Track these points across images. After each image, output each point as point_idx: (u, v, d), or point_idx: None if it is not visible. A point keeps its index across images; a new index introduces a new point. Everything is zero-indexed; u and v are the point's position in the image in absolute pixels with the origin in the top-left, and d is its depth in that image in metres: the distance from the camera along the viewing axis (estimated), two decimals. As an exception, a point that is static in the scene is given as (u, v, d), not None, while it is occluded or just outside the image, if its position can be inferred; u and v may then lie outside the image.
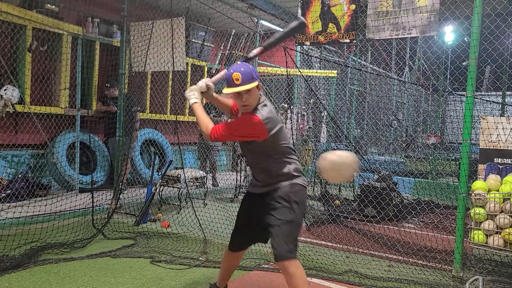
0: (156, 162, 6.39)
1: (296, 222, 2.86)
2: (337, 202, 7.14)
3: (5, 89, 5.81)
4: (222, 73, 3.05)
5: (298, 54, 8.99)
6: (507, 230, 3.66)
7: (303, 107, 9.99)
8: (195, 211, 5.52)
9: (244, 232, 3.12)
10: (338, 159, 2.80)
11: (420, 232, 5.44)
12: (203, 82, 3.02)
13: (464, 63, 4.87)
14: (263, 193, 2.95)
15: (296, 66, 7.62)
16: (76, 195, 6.32)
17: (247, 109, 2.84)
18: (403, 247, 4.82)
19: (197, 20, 8.78)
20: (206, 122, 2.90)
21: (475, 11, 3.89)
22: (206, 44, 9.00)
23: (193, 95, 2.97)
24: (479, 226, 3.82)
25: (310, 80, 9.21)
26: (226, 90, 2.81)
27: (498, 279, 3.95)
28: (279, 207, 2.83)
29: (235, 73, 2.75)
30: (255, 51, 3.05)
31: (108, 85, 7.09)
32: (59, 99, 6.64)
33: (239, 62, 2.88)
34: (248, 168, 3.05)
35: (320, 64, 10.31)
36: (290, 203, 2.84)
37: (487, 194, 3.80)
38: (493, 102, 8.06)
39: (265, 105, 2.85)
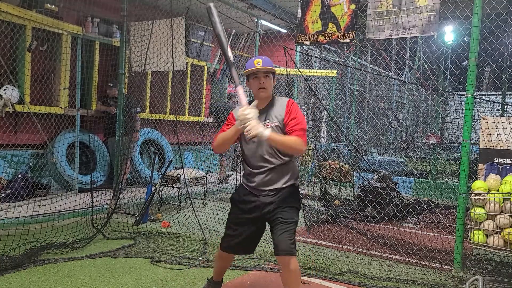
0: (156, 162, 6.39)
1: (297, 221, 2.99)
2: (337, 202, 7.13)
3: (4, 89, 5.80)
4: (240, 90, 2.83)
5: (298, 54, 8.98)
6: (507, 230, 3.65)
7: (303, 107, 9.98)
8: (195, 211, 5.51)
9: (245, 237, 3.09)
10: None
11: (420, 232, 5.44)
12: (251, 111, 2.72)
13: (464, 63, 4.87)
14: (272, 194, 2.97)
15: (296, 66, 7.61)
16: (76, 195, 6.32)
17: (264, 92, 2.94)
18: (403, 247, 4.81)
19: (197, 20, 8.77)
20: (293, 139, 2.82)
21: (475, 11, 3.88)
22: (205, 44, 9.00)
23: (262, 128, 2.70)
24: (479, 226, 3.82)
25: (310, 80, 9.21)
26: (247, 71, 2.94)
27: (498, 279, 3.95)
28: (289, 207, 2.95)
29: (257, 59, 2.93)
30: (230, 52, 2.98)
31: (111, 85, 7.07)
32: (58, 99, 6.64)
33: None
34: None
35: (320, 64, 10.30)
36: (296, 204, 3.02)
37: (487, 194, 3.80)
38: (493, 102, 8.06)
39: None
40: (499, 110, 8.49)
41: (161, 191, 6.44)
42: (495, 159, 4.07)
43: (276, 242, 2.86)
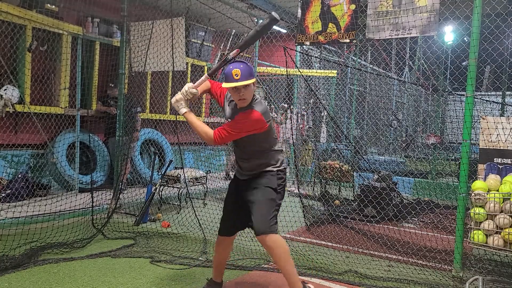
0: (156, 162, 6.39)
1: (276, 201, 3.14)
2: (337, 202, 7.14)
3: (5, 89, 5.81)
4: (203, 77, 3.16)
5: (298, 54, 8.98)
6: (507, 230, 3.66)
7: (303, 107, 9.99)
8: (195, 211, 5.52)
9: (231, 215, 3.31)
10: None
11: (420, 232, 5.44)
12: (187, 89, 3.08)
13: (464, 63, 4.87)
14: (249, 178, 3.19)
15: (296, 66, 7.62)
16: (76, 195, 6.33)
17: (243, 102, 3.03)
18: (403, 247, 4.82)
19: (197, 20, 8.78)
20: (204, 128, 3.04)
21: (475, 11, 3.89)
22: (206, 44, 9.00)
23: (180, 105, 3.08)
24: (479, 226, 3.82)
25: (310, 80, 9.21)
26: (225, 85, 2.98)
27: (498, 279, 3.95)
28: (261, 187, 3.11)
29: (235, 69, 2.92)
30: (232, 53, 3.12)
31: (112, 85, 7.08)
32: (59, 99, 6.64)
33: (237, 60, 3.06)
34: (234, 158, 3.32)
35: (320, 64, 10.31)
36: (272, 186, 3.13)
37: (487, 194, 3.80)
38: (493, 102, 8.06)
39: (259, 101, 3.10)
40: (499, 110, 8.49)
41: (161, 191, 6.44)
42: (495, 159, 4.07)
43: (253, 225, 3.09)
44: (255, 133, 3.04)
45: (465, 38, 7.21)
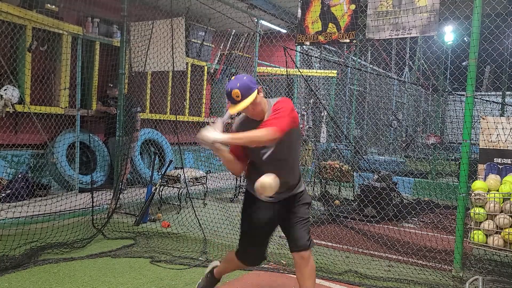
0: (156, 162, 6.39)
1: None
2: (337, 202, 7.14)
3: (5, 89, 5.80)
4: (227, 113, 2.83)
5: (298, 54, 8.98)
6: (507, 230, 3.66)
7: (303, 107, 9.98)
8: (195, 211, 5.52)
9: (264, 240, 3.10)
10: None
11: (420, 232, 5.45)
12: (217, 124, 2.68)
13: (464, 63, 4.87)
14: (288, 196, 2.98)
15: (296, 66, 7.62)
16: (76, 195, 6.33)
17: (259, 115, 2.80)
18: (403, 247, 4.82)
19: (197, 20, 8.78)
20: (258, 132, 2.64)
21: (475, 11, 3.89)
22: (205, 44, 9.00)
23: (209, 134, 2.58)
24: (479, 226, 3.82)
25: (310, 80, 9.21)
26: (232, 110, 2.72)
27: (498, 279, 3.95)
28: (304, 205, 3.01)
29: (234, 90, 2.67)
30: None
31: (112, 85, 7.09)
32: (59, 99, 6.64)
33: (233, 78, 2.78)
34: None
35: (320, 64, 10.31)
36: (309, 203, 3.07)
37: (487, 194, 3.80)
38: (493, 102, 8.06)
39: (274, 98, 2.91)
40: (499, 110, 8.50)
41: (161, 191, 6.44)
42: (495, 159, 4.07)
43: (298, 241, 2.93)
44: (294, 126, 2.76)
45: (465, 38, 7.21)
